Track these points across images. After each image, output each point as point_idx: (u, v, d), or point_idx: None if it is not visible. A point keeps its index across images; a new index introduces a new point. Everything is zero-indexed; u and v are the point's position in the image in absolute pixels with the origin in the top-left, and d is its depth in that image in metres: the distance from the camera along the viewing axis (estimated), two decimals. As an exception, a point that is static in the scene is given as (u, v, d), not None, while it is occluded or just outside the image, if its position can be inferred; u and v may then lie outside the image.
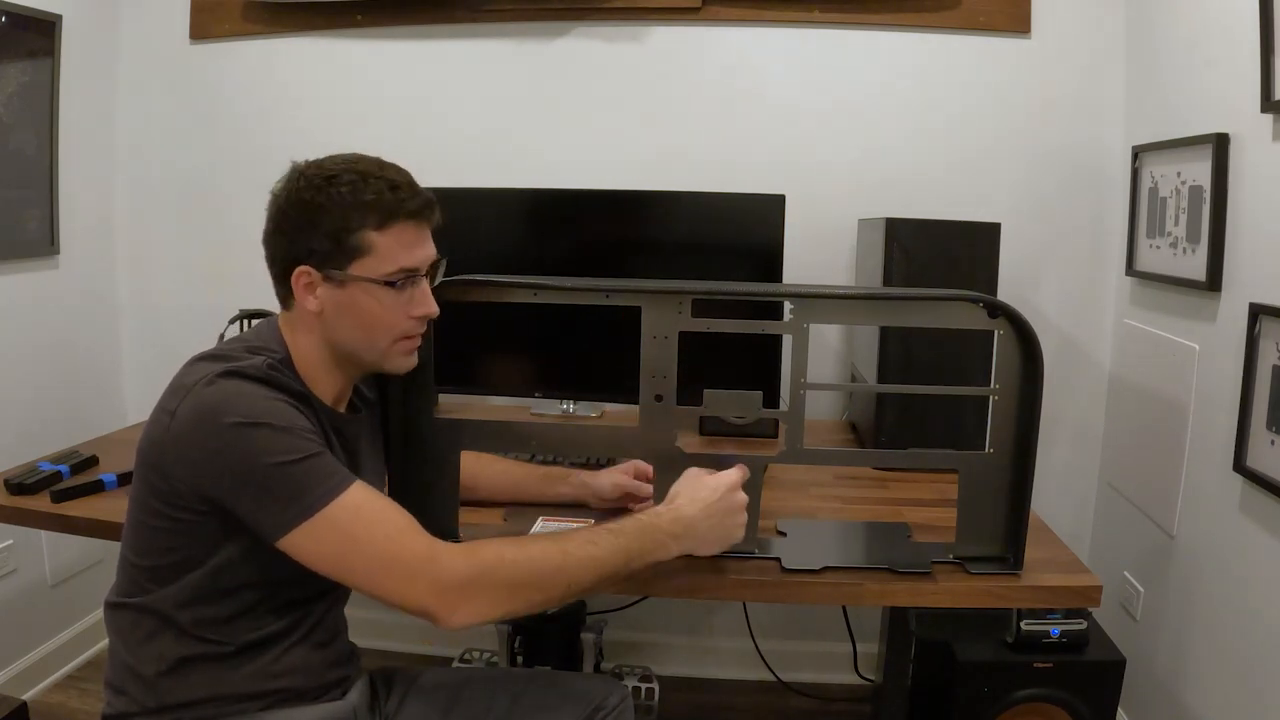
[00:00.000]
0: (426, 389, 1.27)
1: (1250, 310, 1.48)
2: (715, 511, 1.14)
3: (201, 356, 1.06)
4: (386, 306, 1.08)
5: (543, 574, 1.02)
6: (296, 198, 1.06)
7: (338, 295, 1.07)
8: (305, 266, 1.06)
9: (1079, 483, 2.18)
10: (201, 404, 0.97)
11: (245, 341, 1.10)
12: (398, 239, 1.06)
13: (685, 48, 2.14)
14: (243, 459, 0.95)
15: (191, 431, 0.97)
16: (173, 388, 1.02)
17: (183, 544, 1.01)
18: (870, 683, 2.22)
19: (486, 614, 1.01)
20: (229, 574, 1.02)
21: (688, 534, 1.12)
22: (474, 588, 0.99)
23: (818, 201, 2.08)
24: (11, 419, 2.00)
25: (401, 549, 0.98)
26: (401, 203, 1.06)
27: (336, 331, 1.09)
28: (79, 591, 2.25)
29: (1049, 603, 1.26)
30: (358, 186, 1.05)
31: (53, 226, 2.11)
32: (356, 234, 1.05)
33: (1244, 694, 1.51)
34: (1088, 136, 2.07)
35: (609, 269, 1.87)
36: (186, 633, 1.03)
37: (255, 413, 0.97)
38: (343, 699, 1.14)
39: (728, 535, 1.16)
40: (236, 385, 0.99)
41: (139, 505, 1.04)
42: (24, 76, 1.98)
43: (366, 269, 1.06)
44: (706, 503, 1.14)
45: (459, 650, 2.23)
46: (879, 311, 1.30)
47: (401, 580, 0.97)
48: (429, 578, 0.97)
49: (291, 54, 2.22)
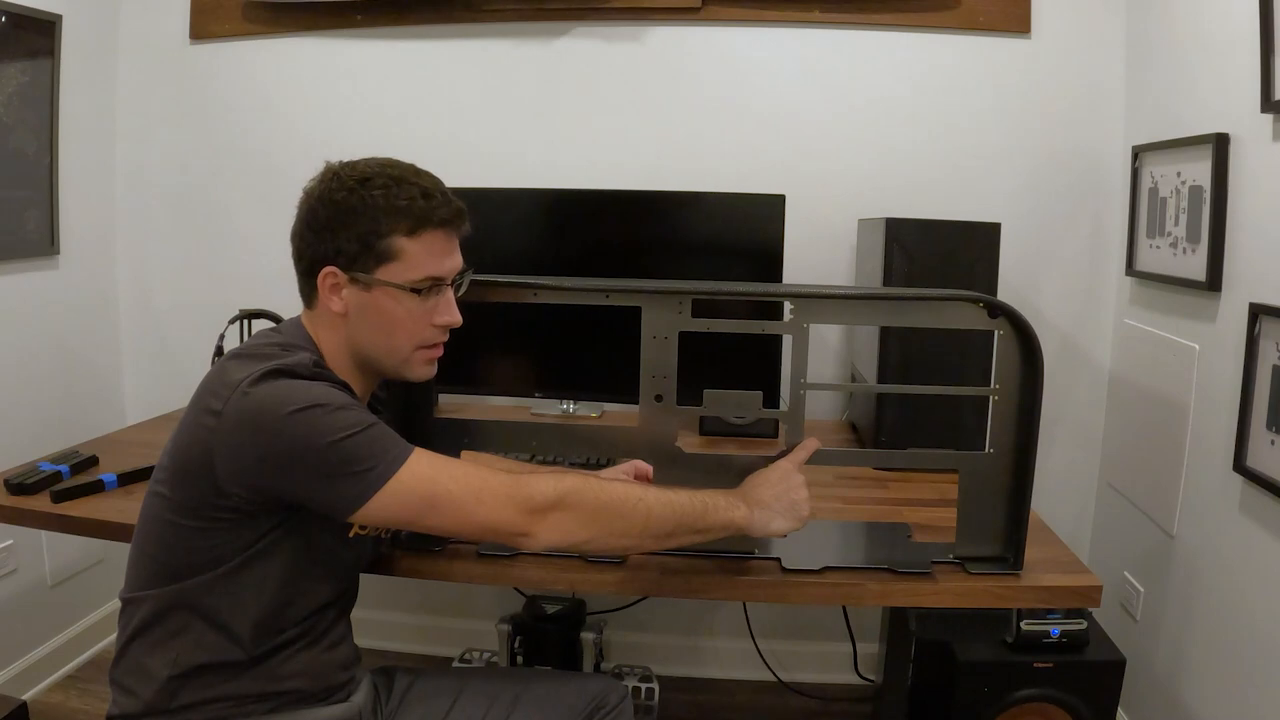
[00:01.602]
0: (426, 389, 1.27)
1: (1250, 310, 1.48)
2: (773, 484, 1.17)
3: (237, 354, 1.05)
4: (411, 313, 1.08)
5: (625, 503, 1.06)
6: (329, 198, 1.06)
7: (363, 298, 1.07)
8: (332, 267, 1.06)
9: (1079, 483, 2.18)
10: (254, 402, 0.97)
11: (274, 340, 1.09)
12: (427, 247, 1.07)
13: (685, 48, 2.14)
14: (306, 442, 0.96)
15: (247, 430, 0.96)
16: (212, 387, 1.01)
17: (217, 543, 1.01)
18: (870, 683, 2.22)
19: (574, 533, 1.04)
20: (257, 572, 1.02)
21: (748, 501, 1.14)
22: (562, 506, 1.03)
23: (818, 201, 2.08)
24: (11, 419, 2.00)
25: (485, 481, 1.02)
26: (434, 210, 1.06)
27: (359, 334, 1.09)
28: (79, 591, 2.24)
29: (1049, 603, 1.26)
30: (391, 191, 1.05)
31: (53, 226, 2.11)
32: (387, 239, 1.05)
33: (1244, 694, 1.51)
34: (1088, 136, 2.07)
35: (609, 269, 1.87)
36: (207, 632, 1.03)
37: (310, 398, 0.98)
38: (348, 701, 1.14)
39: (796, 510, 1.16)
40: (286, 383, 0.99)
41: (170, 506, 1.02)
42: (24, 76, 1.98)
43: (394, 274, 1.06)
44: (766, 479, 1.18)
45: (459, 650, 2.24)
46: (879, 311, 1.30)
47: (493, 507, 1.01)
48: (519, 500, 1.02)
49: (291, 54, 2.22)
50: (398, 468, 0.99)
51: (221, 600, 1.02)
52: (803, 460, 1.21)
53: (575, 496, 1.04)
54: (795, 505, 1.16)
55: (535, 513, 1.02)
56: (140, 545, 1.07)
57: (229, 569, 1.02)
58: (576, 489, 1.04)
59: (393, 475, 0.98)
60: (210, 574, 1.02)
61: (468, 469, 1.04)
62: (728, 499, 1.12)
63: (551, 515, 1.03)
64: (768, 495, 1.15)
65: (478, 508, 1.01)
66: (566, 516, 1.03)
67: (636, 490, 1.08)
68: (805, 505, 1.17)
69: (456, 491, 1.01)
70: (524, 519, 1.02)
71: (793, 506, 1.16)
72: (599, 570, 1.25)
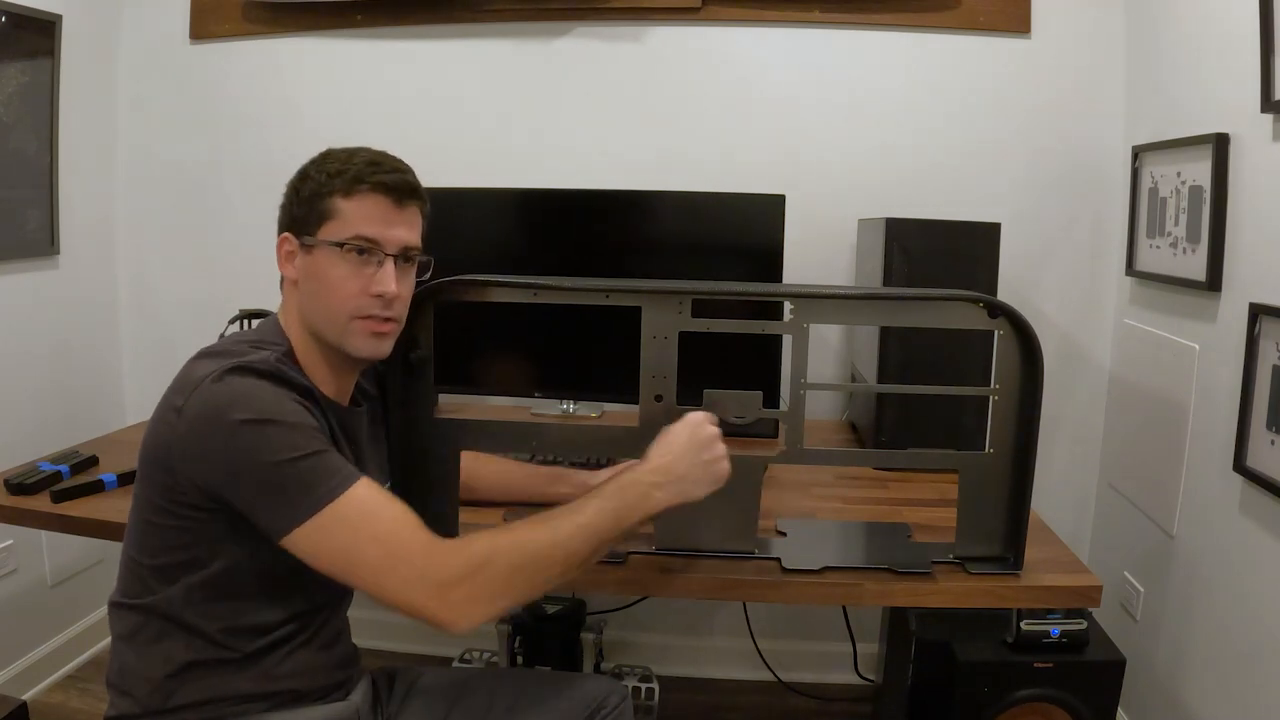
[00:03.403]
0: (426, 389, 1.27)
1: (1250, 310, 1.48)
2: (689, 450, 1.11)
3: (205, 353, 1.06)
4: (344, 277, 1.07)
5: (538, 554, 0.99)
6: (297, 172, 1.11)
7: (307, 262, 1.08)
8: (286, 234, 1.10)
9: (1079, 483, 2.18)
10: (209, 401, 0.97)
11: (247, 338, 1.10)
12: (361, 208, 1.07)
13: (685, 48, 2.14)
14: (250, 456, 0.95)
15: (200, 429, 0.97)
16: (178, 384, 1.02)
17: (189, 543, 1.01)
18: (870, 683, 2.22)
19: (492, 604, 0.97)
20: (235, 575, 1.02)
21: (670, 479, 1.09)
22: (473, 579, 0.96)
23: (818, 201, 2.08)
24: (11, 419, 2.00)
25: (401, 547, 0.96)
26: (372, 173, 1.07)
27: (305, 301, 1.09)
28: (79, 591, 2.24)
29: (1049, 603, 1.26)
30: (342, 160, 1.08)
31: (53, 226, 2.11)
32: (327, 199, 1.07)
33: (1244, 694, 1.51)
34: (1088, 136, 2.07)
35: (609, 269, 1.87)
36: (194, 635, 1.03)
37: (263, 410, 0.96)
38: (345, 700, 1.14)
39: (713, 472, 1.12)
40: (245, 382, 0.98)
41: (144, 504, 1.03)
42: (24, 76, 1.98)
43: (329, 233, 1.07)
44: (678, 446, 1.11)
45: (459, 650, 2.24)
46: (879, 311, 1.30)
47: (402, 581, 0.95)
48: (430, 579, 0.95)
49: (291, 54, 2.22)
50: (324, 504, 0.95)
51: (199, 605, 1.02)
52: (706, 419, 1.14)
53: (488, 569, 0.96)
54: (712, 468, 1.12)
55: (447, 592, 0.95)
56: (124, 548, 1.08)
57: (205, 566, 1.01)
58: (487, 558, 0.97)
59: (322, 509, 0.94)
60: (185, 579, 1.02)
61: (397, 527, 0.97)
62: (639, 490, 1.07)
63: (463, 591, 0.95)
64: (682, 466, 1.10)
65: (389, 578, 0.95)
66: (480, 590, 0.96)
67: (548, 530, 1.01)
68: (724, 463, 1.13)
69: (372, 556, 0.95)
70: (436, 603, 0.94)
71: (709, 470, 1.12)
72: (599, 570, 1.24)
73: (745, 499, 1.27)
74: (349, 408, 1.16)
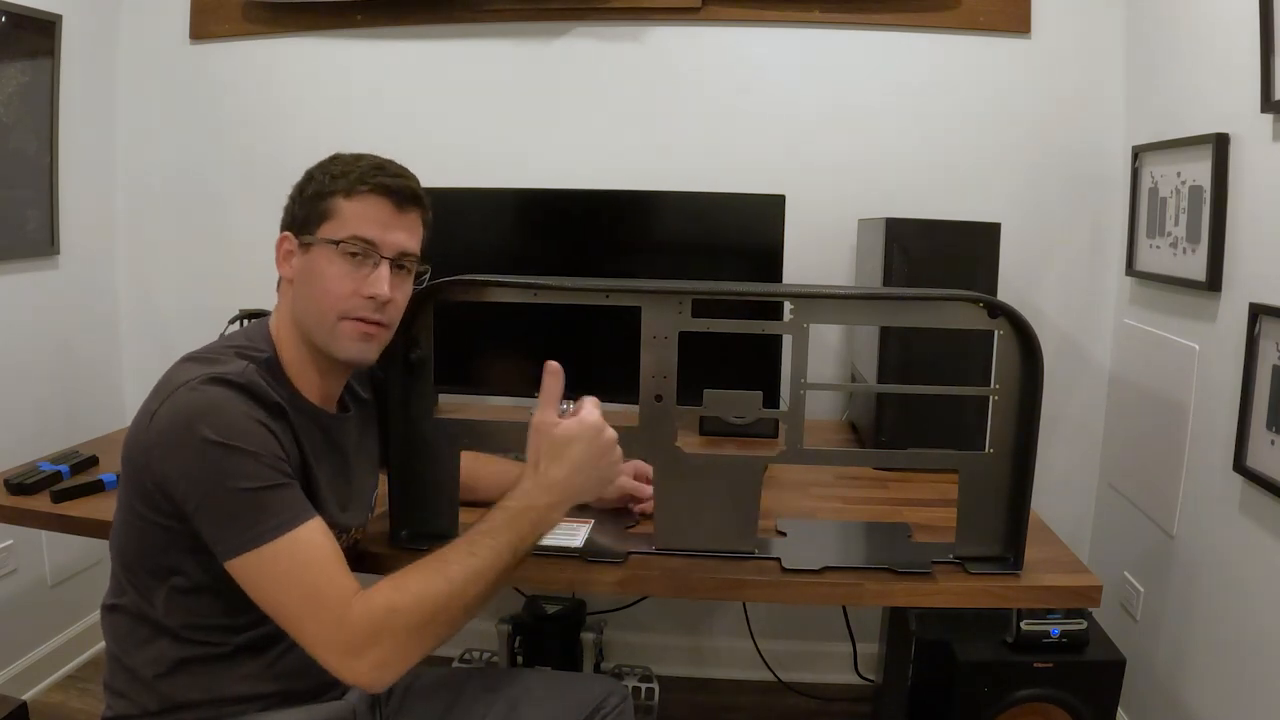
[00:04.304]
0: (426, 389, 1.27)
1: (1250, 310, 1.48)
2: (584, 462, 1.09)
3: (189, 357, 1.05)
4: (338, 276, 1.06)
5: (437, 610, 0.96)
6: (303, 174, 1.11)
7: (304, 261, 1.08)
8: (286, 233, 1.10)
9: (1079, 483, 2.18)
10: (181, 410, 0.96)
11: (234, 343, 1.09)
12: (361, 209, 1.07)
13: (685, 48, 2.14)
14: (209, 478, 0.94)
15: (169, 438, 0.96)
16: (157, 388, 1.02)
17: (166, 545, 1.01)
18: (870, 683, 2.22)
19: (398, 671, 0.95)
20: (216, 575, 1.00)
21: (564, 496, 1.08)
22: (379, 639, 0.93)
23: (818, 201, 2.08)
24: (11, 419, 2.00)
25: (319, 604, 0.94)
26: (375, 176, 1.08)
27: (298, 300, 1.09)
28: (79, 591, 2.24)
29: (1049, 603, 1.26)
30: (347, 163, 1.09)
31: (53, 226, 2.11)
32: (329, 199, 1.07)
33: (1244, 694, 1.51)
34: (1088, 136, 2.07)
35: (609, 269, 1.87)
36: (181, 635, 1.03)
37: (229, 433, 0.95)
38: (342, 699, 1.13)
39: (606, 477, 1.12)
40: (219, 393, 0.97)
41: (124, 505, 1.03)
42: (24, 76, 1.98)
43: (327, 232, 1.07)
44: (572, 457, 1.08)
45: (459, 650, 2.24)
46: (879, 311, 1.30)
47: (313, 638, 0.94)
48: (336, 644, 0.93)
49: (291, 54, 2.22)
50: (265, 540, 0.94)
51: (183, 604, 1.02)
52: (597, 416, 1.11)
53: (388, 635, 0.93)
54: (606, 474, 1.11)
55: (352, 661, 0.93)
56: (110, 548, 1.08)
57: (181, 570, 1.01)
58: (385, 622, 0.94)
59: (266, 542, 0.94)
60: (170, 574, 1.01)
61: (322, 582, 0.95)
62: (533, 515, 1.05)
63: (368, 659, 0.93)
64: (579, 480, 1.08)
65: (304, 628, 0.94)
66: (385, 655, 0.93)
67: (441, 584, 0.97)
68: (616, 466, 1.12)
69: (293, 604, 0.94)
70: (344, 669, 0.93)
71: (604, 476, 1.11)
72: (599, 570, 1.25)
73: (745, 499, 1.27)
74: (335, 414, 1.16)
